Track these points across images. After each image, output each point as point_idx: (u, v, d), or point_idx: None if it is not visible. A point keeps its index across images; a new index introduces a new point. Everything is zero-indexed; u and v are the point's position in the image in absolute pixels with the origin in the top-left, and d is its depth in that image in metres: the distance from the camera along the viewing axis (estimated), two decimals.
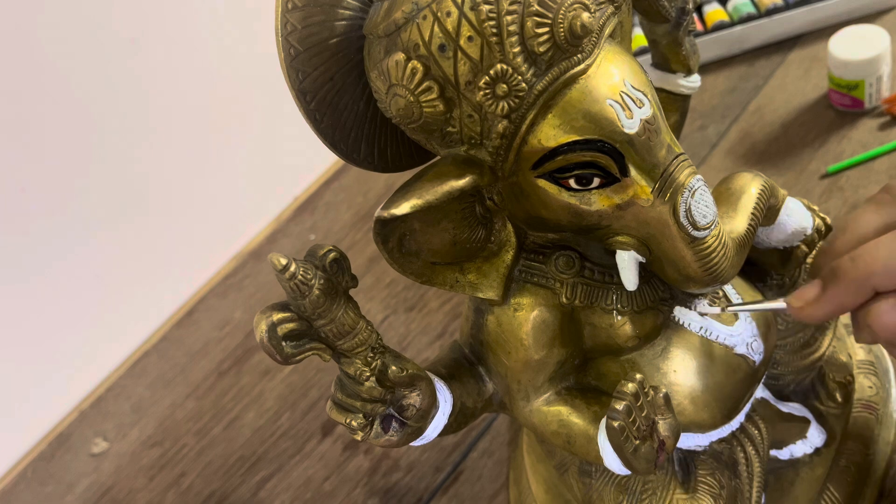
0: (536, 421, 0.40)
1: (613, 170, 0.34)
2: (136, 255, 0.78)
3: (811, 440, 0.47)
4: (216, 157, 0.83)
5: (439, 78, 0.32)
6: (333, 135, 0.37)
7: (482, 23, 0.31)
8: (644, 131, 0.33)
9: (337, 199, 0.87)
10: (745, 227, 0.39)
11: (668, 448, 0.37)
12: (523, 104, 0.33)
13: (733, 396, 0.41)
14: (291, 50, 0.34)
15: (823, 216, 0.46)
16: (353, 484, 0.61)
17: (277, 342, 0.33)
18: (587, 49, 0.33)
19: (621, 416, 0.35)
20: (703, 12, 0.84)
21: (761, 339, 0.42)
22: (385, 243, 0.33)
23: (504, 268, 0.38)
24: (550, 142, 0.33)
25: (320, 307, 0.33)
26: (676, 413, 0.38)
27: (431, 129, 0.34)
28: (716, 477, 0.42)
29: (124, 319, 0.80)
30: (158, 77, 0.76)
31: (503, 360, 0.39)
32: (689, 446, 0.43)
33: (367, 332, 0.35)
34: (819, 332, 0.48)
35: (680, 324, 0.40)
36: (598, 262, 0.39)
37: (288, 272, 0.32)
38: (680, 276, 0.36)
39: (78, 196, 0.73)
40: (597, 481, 0.43)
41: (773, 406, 0.46)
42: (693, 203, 0.35)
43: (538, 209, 0.35)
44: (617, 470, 0.37)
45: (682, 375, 0.40)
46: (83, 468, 0.71)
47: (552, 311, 0.38)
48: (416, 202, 0.33)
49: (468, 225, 0.36)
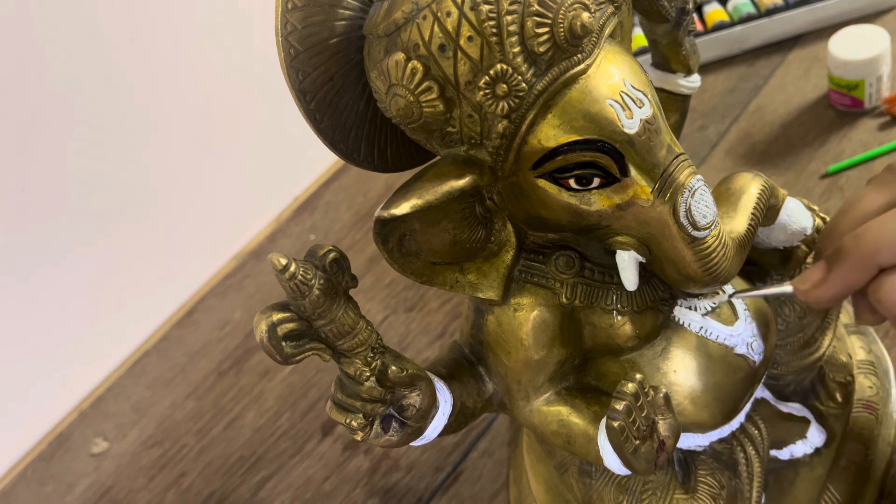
0: (536, 421, 0.40)
1: (613, 170, 0.34)
2: (137, 255, 0.78)
3: (811, 440, 0.47)
4: (216, 156, 0.83)
5: (439, 78, 0.32)
6: (333, 135, 0.36)
7: (482, 23, 0.31)
8: (644, 131, 0.33)
9: (337, 199, 0.87)
10: (746, 227, 0.39)
11: (668, 448, 0.37)
12: (523, 104, 0.33)
13: (733, 396, 0.41)
14: (291, 50, 0.34)
15: (823, 216, 0.46)
16: (353, 484, 0.61)
17: (277, 342, 0.33)
18: (587, 49, 0.33)
19: (621, 416, 0.35)
20: (703, 12, 0.84)
21: (761, 339, 0.42)
22: (385, 243, 0.33)
23: (504, 268, 0.38)
24: (550, 142, 0.33)
25: (320, 307, 0.33)
26: (676, 413, 0.38)
27: (431, 129, 0.34)
28: (716, 477, 0.42)
29: (124, 319, 0.80)
30: (159, 77, 0.76)
31: (503, 360, 0.39)
32: (689, 446, 0.43)
33: (367, 332, 0.35)
34: (819, 332, 0.48)
35: (680, 324, 0.40)
36: (598, 262, 0.39)
37: (288, 272, 0.32)
38: (680, 276, 0.36)
39: (77, 196, 0.73)
40: (597, 481, 0.43)
41: (774, 406, 0.46)
42: (693, 203, 0.35)
43: (538, 209, 0.35)
44: (617, 470, 0.37)
45: (682, 375, 0.40)
46: (83, 468, 0.71)
47: (552, 311, 0.38)
48: (415, 202, 0.32)
49: (468, 225, 0.36)
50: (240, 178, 0.85)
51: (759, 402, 0.45)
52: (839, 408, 0.49)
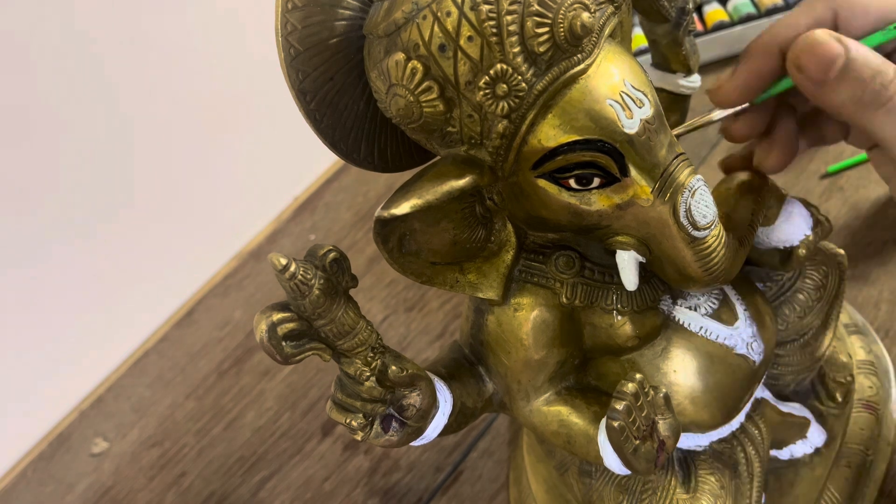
0: (536, 421, 0.40)
1: (613, 170, 0.34)
2: (136, 255, 0.78)
3: (811, 440, 0.47)
4: (216, 157, 0.83)
5: (439, 78, 0.32)
6: (333, 135, 0.36)
7: (482, 23, 0.31)
8: (644, 131, 0.33)
9: (337, 199, 0.87)
10: (746, 226, 0.39)
11: (668, 448, 0.37)
12: (523, 104, 0.33)
13: (733, 396, 0.41)
14: (291, 50, 0.34)
15: (823, 215, 0.46)
16: (353, 484, 0.61)
17: (277, 342, 0.33)
18: (587, 49, 0.33)
19: (621, 415, 0.35)
20: (703, 12, 0.84)
21: (761, 339, 0.42)
22: (385, 243, 0.33)
23: (504, 268, 0.38)
24: (550, 142, 0.33)
25: (320, 307, 0.33)
26: (676, 413, 0.38)
27: (431, 129, 0.34)
28: (716, 476, 0.42)
29: (124, 319, 0.80)
30: (159, 77, 0.76)
31: (503, 360, 0.39)
32: (689, 446, 0.43)
33: (367, 332, 0.35)
34: (819, 333, 0.48)
35: (680, 324, 0.40)
36: (598, 262, 0.39)
37: (288, 272, 0.32)
38: (680, 276, 0.36)
39: (76, 196, 0.73)
40: (597, 481, 0.43)
41: (774, 406, 0.46)
42: (693, 203, 0.35)
43: (538, 209, 0.35)
44: (617, 470, 0.37)
45: (681, 375, 0.40)
46: (83, 468, 0.71)
47: (552, 311, 0.38)
48: (415, 202, 0.32)
49: (468, 225, 0.36)
50: (240, 178, 0.85)
51: (760, 402, 0.45)
52: (839, 408, 0.49)
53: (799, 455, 0.47)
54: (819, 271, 0.46)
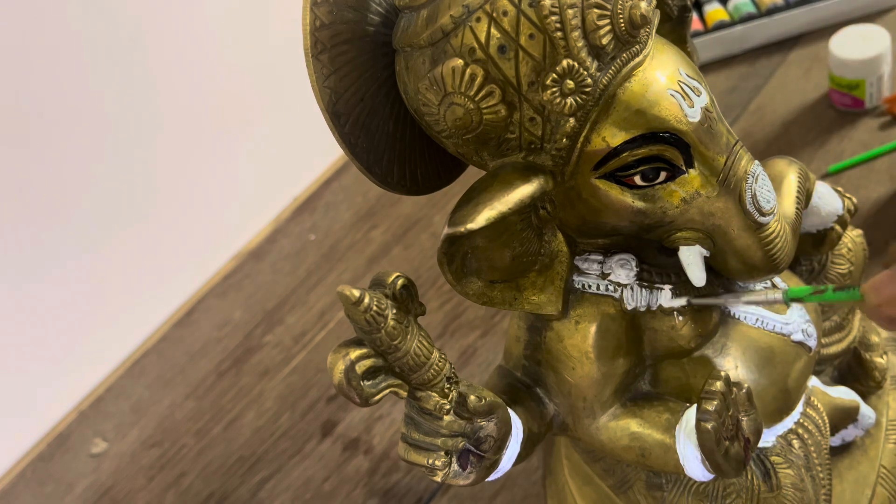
0: (605, 438, 0.38)
1: (679, 162, 0.33)
2: (136, 256, 0.78)
3: (862, 422, 0.46)
4: (216, 157, 0.83)
5: (499, 81, 0.31)
6: (368, 158, 0.35)
7: (544, 18, 0.30)
8: (705, 119, 0.33)
9: (337, 199, 0.87)
10: (794, 210, 0.39)
11: (753, 447, 0.35)
12: (590, 100, 0.31)
13: (794, 386, 0.40)
14: (324, 70, 0.33)
15: (850, 196, 0.45)
16: (352, 484, 0.61)
17: (357, 382, 0.31)
18: (643, 40, 0.32)
19: (713, 416, 0.33)
20: (703, 12, 0.84)
21: (813, 323, 0.41)
22: (451, 263, 0.32)
23: (560, 280, 0.36)
24: (616, 139, 0.32)
25: (395, 339, 0.31)
26: None
27: (488, 137, 0.32)
28: (794, 470, 0.41)
29: (124, 319, 0.79)
30: (159, 78, 0.76)
31: (567, 378, 0.37)
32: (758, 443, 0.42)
33: (441, 361, 0.33)
34: (850, 314, 0.47)
35: (735, 318, 0.39)
36: (654, 263, 0.38)
37: (363, 304, 0.30)
38: (744, 266, 0.36)
39: (77, 197, 0.73)
40: (669, 493, 0.41)
41: (824, 392, 0.44)
42: (757, 189, 0.34)
43: (597, 213, 0.34)
44: (699, 476, 0.36)
45: (743, 370, 0.39)
46: (83, 468, 0.71)
47: (615, 320, 0.37)
48: (489, 214, 0.31)
49: (526, 238, 0.34)
50: (240, 178, 0.85)
51: (812, 391, 0.44)
52: (878, 387, 0.48)
53: (850, 439, 0.46)
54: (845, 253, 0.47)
